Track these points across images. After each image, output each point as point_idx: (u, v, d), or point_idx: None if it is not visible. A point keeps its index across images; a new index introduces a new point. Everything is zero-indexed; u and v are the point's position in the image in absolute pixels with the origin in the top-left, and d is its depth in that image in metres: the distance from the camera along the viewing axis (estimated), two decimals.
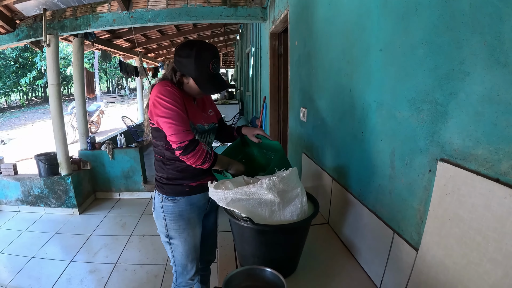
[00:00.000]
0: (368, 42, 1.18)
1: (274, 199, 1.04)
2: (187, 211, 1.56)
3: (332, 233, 1.57)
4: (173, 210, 1.54)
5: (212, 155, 1.41)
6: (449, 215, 0.79)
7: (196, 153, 1.34)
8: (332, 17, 1.56)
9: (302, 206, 1.10)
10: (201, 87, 1.39)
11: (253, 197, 1.05)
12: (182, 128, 1.33)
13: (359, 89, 1.27)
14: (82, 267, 3.00)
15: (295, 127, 2.49)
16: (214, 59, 1.39)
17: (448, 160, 0.80)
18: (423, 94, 0.88)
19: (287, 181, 1.07)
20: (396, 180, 1.05)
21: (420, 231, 0.92)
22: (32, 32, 3.71)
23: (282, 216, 1.07)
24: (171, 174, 1.52)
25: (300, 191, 1.11)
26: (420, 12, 0.88)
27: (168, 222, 1.55)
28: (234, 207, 1.06)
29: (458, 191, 0.76)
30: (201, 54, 1.35)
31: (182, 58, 1.37)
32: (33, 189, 4.18)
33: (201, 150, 1.36)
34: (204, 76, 1.38)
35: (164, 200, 1.54)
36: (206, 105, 1.65)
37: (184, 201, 1.54)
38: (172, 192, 1.52)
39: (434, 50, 0.83)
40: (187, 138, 1.33)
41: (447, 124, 0.80)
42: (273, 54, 3.40)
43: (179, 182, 1.53)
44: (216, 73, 1.41)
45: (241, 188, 1.06)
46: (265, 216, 1.06)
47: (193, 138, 1.35)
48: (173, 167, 1.51)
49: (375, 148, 1.17)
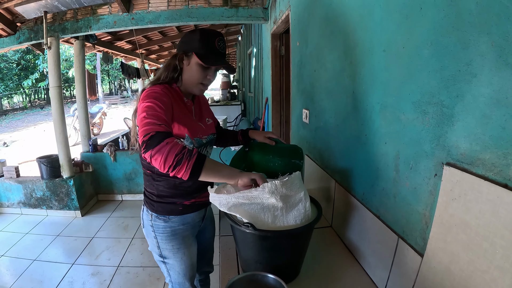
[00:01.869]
0: (371, 42, 1.16)
1: (276, 204, 1.02)
2: (180, 230, 1.41)
3: (335, 236, 1.55)
4: (165, 229, 1.39)
5: (194, 154, 1.03)
6: (455, 221, 0.77)
7: (162, 147, 1.01)
8: (333, 17, 1.53)
9: (305, 211, 1.08)
10: (204, 58, 1.23)
11: (255, 202, 1.03)
12: (153, 120, 1.08)
13: (362, 91, 1.25)
14: (84, 270, 3.00)
15: (297, 128, 2.46)
16: (220, 37, 1.27)
17: (454, 164, 0.78)
18: (429, 96, 0.86)
19: (290, 185, 1.05)
20: (400, 183, 1.02)
21: (425, 236, 0.90)
22: (33, 34, 3.72)
23: (285, 221, 1.05)
24: (162, 191, 1.36)
25: (303, 195, 1.09)
26: (425, 12, 0.86)
27: (160, 242, 1.42)
28: (236, 212, 1.04)
29: (465, 196, 0.74)
30: (206, 30, 1.26)
31: (187, 38, 1.28)
32: (35, 191, 4.18)
33: (173, 144, 1.02)
34: (209, 49, 1.24)
35: (154, 219, 1.39)
36: (203, 112, 1.48)
37: (177, 220, 1.39)
38: (163, 211, 1.37)
39: (439, 51, 0.81)
40: (154, 130, 1.05)
41: (453, 127, 0.78)
42: (275, 54, 3.39)
43: (171, 201, 1.37)
44: (221, 52, 1.28)
45: (243, 192, 1.03)
46: (267, 221, 1.04)
47: (165, 131, 1.07)
48: (164, 184, 1.35)
49: (379, 151, 1.15)
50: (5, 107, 20.26)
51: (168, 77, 1.30)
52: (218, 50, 1.26)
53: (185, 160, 1.01)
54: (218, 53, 1.27)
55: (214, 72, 1.33)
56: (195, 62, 1.26)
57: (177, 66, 1.30)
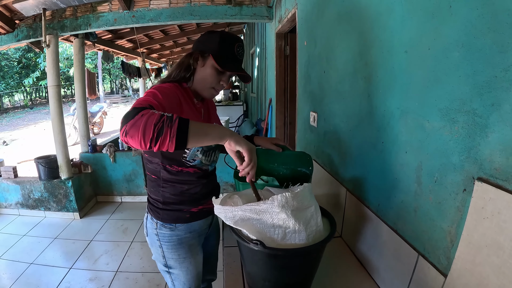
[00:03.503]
0: (390, 42, 1.07)
1: (287, 219, 0.93)
2: (187, 238, 1.34)
3: (345, 247, 1.46)
4: (171, 238, 1.32)
5: (176, 119, 0.85)
6: (486, 241, 0.70)
7: (137, 120, 0.83)
8: (346, 14, 1.44)
9: (317, 227, 0.99)
10: (221, 62, 1.17)
11: (264, 216, 0.94)
12: (137, 105, 0.93)
13: (379, 94, 1.16)
14: (82, 274, 2.92)
15: (303, 131, 2.37)
16: (240, 43, 1.23)
17: (487, 180, 0.70)
18: (458, 103, 0.77)
19: (301, 198, 0.95)
20: (422, 197, 0.94)
21: (449, 255, 0.83)
22: (32, 32, 3.63)
23: (297, 239, 0.96)
24: (168, 198, 1.29)
25: (314, 209, 1.00)
26: (455, 10, 0.77)
27: (166, 251, 1.34)
28: (243, 227, 0.95)
29: (499, 215, 0.67)
30: (227, 33, 1.22)
31: (205, 37, 1.23)
32: (33, 192, 4.11)
33: (149, 114, 0.85)
34: (227, 54, 1.19)
35: (159, 227, 1.31)
36: (211, 116, 1.43)
37: (183, 228, 1.32)
38: (169, 219, 1.30)
39: (472, 54, 0.72)
40: (131, 108, 0.90)
41: (487, 139, 0.70)
42: (280, 54, 3.30)
43: (178, 208, 1.30)
44: (239, 59, 1.24)
45: (251, 205, 0.94)
46: (277, 238, 0.95)
47: (143, 107, 0.90)
48: (170, 190, 1.28)
49: (398, 160, 1.06)
50: (6, 105, 20.26)
51: (179, 76, 1.24)
52: (236, 56, 1.21)
53: (167, 128, 0.82)
54: (235, 59, 1.22)
55: (228, 78, 1.27)
56: (211, 64, 1.20)
57: (191, 66, 1.23)
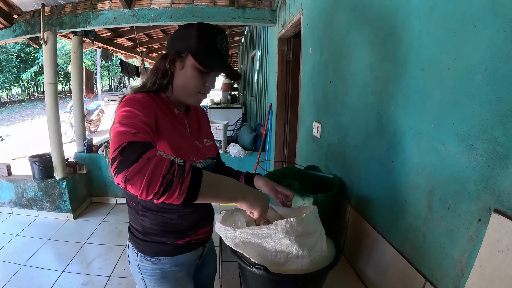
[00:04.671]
0: (405, 58, 1.01)
1: (290, 245, 0.87)
2: (172, 272, 1.14)
3: (347, 265, 1.41)
4: (153, 271, 1.12)
5: (188, 172, 0.73)
6: (499, 275, 0.67)
7: (143, 166, 0.69)
8: (357, 24, 1.38)
9: (321, 252, 0.94)
10: (203, 61, 0.97)
11: (266, 241, 0.88)
12: (128, 129, 0.78)
13: (391, 111, 1.11)
14: (75, 278, 2.86)
15: (305, 141, 2.32)
16: (223, 34, 1.02)
17: (505, 212, 0.66)
18: (478, 129, 0.73)
19: (306, 223, 0.90)
20: (433, 223, 0.89)
21: (459, 284, 0.79)
22: (30, 28, 3.56)
23: (299, 264, 0.90)
24: (149, 228, 1.09)
25: (319, 234, 0.94)
26: (480, 31, 0.72)
27: (149, 285, 1.15)
28: (244, 250, 0.90)
29: None
30: (206, 25, 1.01)
31: (181, 33, 1.02)
32: (26, 191, 4.03)
33: (156, 160, 0.71)
34: (208, 50, 0.99)
35: (140, 259, 1.11)
36: (202, 129, 1.21)
37: (167, 261, 1.12)
38: (150, 252, 1.10)
39: (496, 79, 0.67)
40: (127, 140, 0.74)
41: (507, 170, 0.66)
42: (282, 59, 3.24)
43: (160, 240, 1.10)
44: (224, 54, 1.03)
45: (253, 229, 0.89)
46: (279, 262, 0.89)
47: (142, 141, 0.75)
48: (151, 219, 1.08)
49: (408, 182, 1.01)
50: (3, 99, 20.11)
51: (156, 84, 1.03)
52: (220, 51, 1.01)
53: (177, 182, 0.70)
54: (220, 55, 1.02)
55: (214, 77, 1.08)
56: (191, 65, 1.00)
57: (167, 70, 1.03)
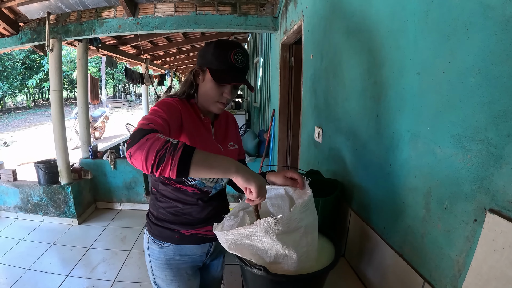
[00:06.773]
0: (402, 63, 1.04)
1: (273, 243, 0.88)
2: (175, 261, 1.27)
3: (348, 267, 1.42)
4: (159, 255, 1.26)
5: (180, 148, 0.82)
6: (495, 274, 0.68)
7: (142, 144, 0.82)
8: (356, 31, 1.41)
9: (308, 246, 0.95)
10: (216, 75, 1.11)
11: (254, 240, 0.90)
12: (144, 121, 0.94)
13: (389, 115, 1.13)
14: (79, 283, 2.87)
15: (307, 146, 2.34)
16: (237, 49, 1.12)
17: (499, 212, 0.68)
18: (472, 131, 0.75)
19: (287, 221, 0.89)
20: (430, 224, 0.91)
21: (456, 285, 0.80)
22: (36, 35, 3.64)
23: (289, 261, 0.91)
24: (162, 214, 1.25)
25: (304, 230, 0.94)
26: (472, 34, 0.74)
27: (154, 268, 1.29)
28: (236, 251, 0.92)
29: (510, 249, 0.65)
30: (221, 41, 1.14)
31: (203, 50, 1.18)
32: (32, 196, 4.07)
33: (154, 139, 0.83)
34: (222, 65, 1.11)
35: (150, 242, 1.28)
36: (228, 134, 1.34)
37: (172, 248, 1.25)
38: (159, 235, 1.25)
39: (489, 81, 0.70)
40: (138, 127, 0.91)
41: (501, 170, 0.67)
42: (284, 66, 3.28)
43: (169, 226, 1.24)
44: (239, 67, 1.13)
45: (239, 229, 0.91)
46: (269, 260, 0.91)
47: (149, 128, 0.89)
48: (165, 206, 1.24)
49: (406, 184, 1.03)
50: (9, 105, 20.31)
51: (185, 93, 1.21)
52: (234, 64, 1.12)
53: (169, 156, 0.81)
54: (234, 69, 1.13)
55: (231, 89, 1.19)
56: (209, 78, 1.14)
57: (193, 82, 1.20)
